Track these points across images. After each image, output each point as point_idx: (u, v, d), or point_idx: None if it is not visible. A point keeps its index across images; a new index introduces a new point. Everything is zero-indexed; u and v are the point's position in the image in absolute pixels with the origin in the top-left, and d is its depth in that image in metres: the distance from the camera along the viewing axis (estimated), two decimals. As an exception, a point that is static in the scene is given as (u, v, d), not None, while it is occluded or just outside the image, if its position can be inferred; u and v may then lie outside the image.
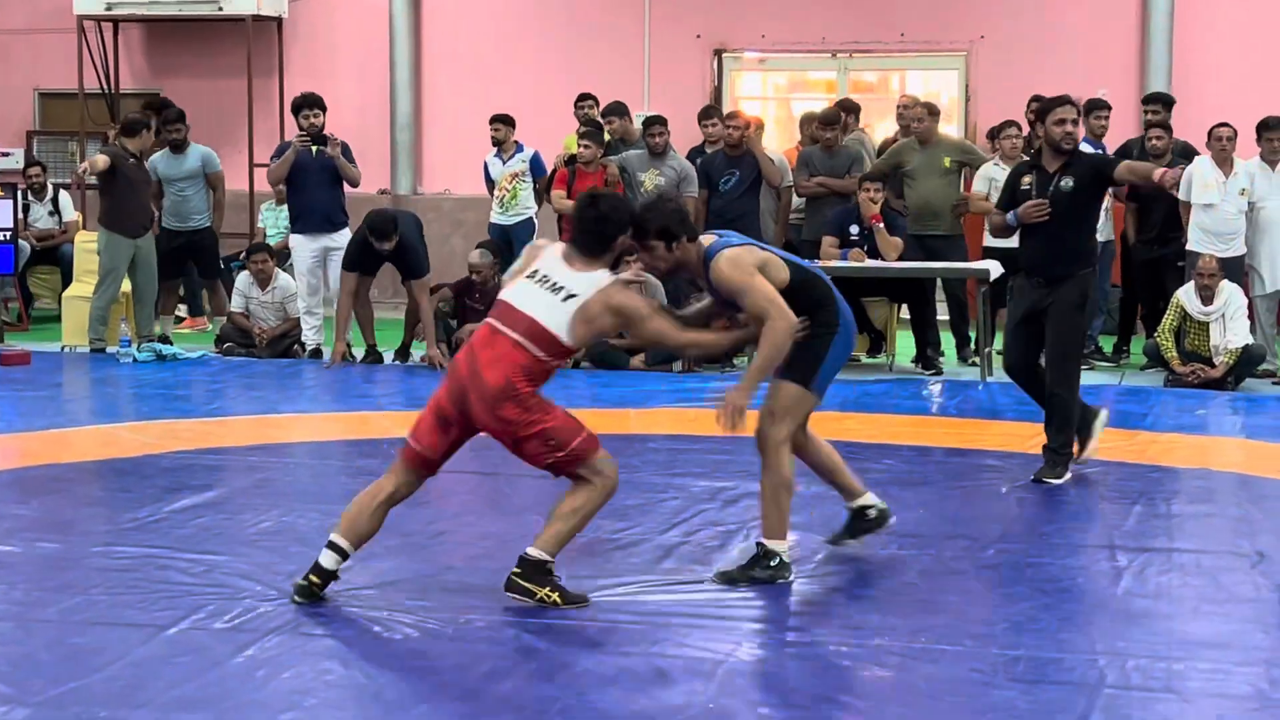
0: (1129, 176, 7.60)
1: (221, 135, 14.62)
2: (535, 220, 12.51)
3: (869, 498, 6.10)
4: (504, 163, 12.39)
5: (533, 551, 5.38)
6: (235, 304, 12.07)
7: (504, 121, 12.44)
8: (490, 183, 12.53)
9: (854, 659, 4.90)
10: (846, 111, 12.61)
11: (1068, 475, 7.48)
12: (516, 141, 12.45)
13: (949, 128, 13.86)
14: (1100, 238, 11.55)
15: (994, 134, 11.96)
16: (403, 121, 15.52)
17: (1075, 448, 7.64)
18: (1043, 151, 7.63)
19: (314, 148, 11.80)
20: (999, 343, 12.27)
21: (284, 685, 4.57)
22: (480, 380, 5.25)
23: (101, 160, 11.57)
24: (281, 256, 13.49)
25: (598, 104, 12.78)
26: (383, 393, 10.30)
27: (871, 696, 4.55)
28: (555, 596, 5.31)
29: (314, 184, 11.88)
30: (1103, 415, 7.83)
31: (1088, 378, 11.05)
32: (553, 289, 5.34)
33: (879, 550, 6.04)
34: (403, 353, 11.55)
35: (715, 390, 10.32)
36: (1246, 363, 10.53)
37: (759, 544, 5.72)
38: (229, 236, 13.70)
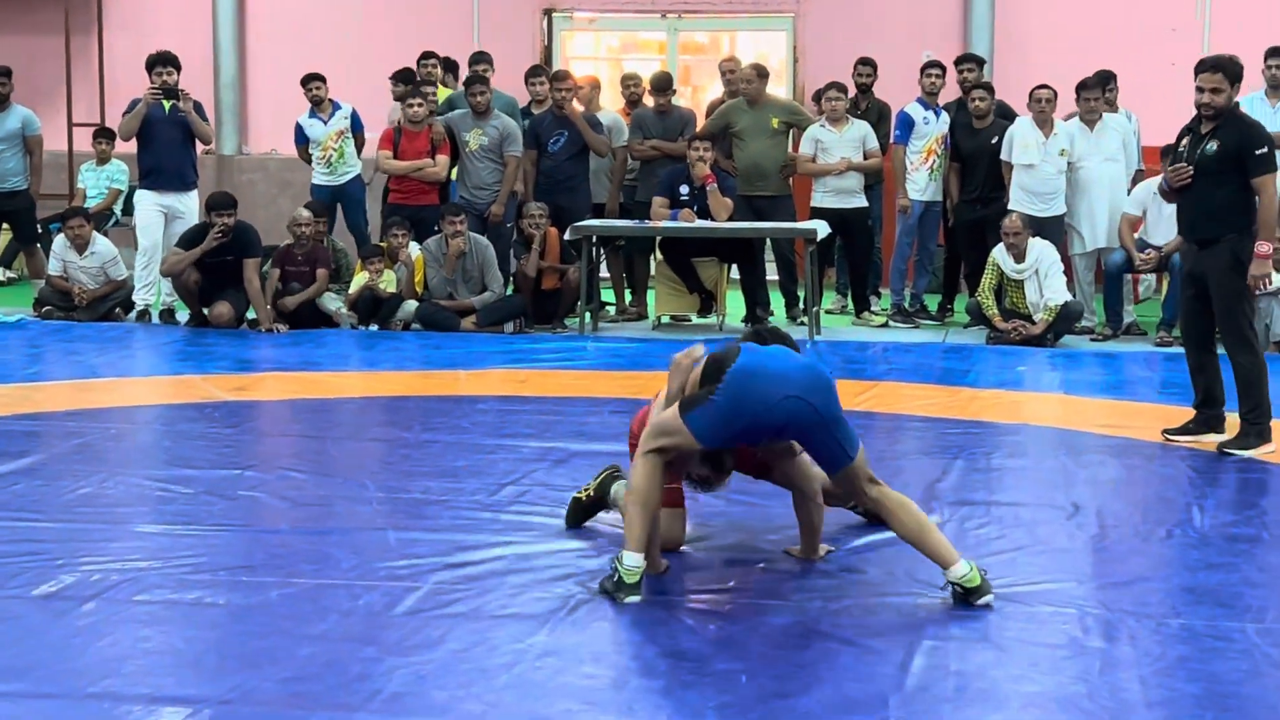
0: (1260, 192, 7.31)
1: (38, 94, 14.23)
2: (363, 178, 12.38)
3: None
4: (325, 122, 12.22)
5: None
6: (52, 268, 11.79)
7: (323, 80, 12.28)
8: (305, 144, 12.32)
9: (685, 614, 4.93)
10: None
11: (1268, 447, 7.33)
12: (332, 100, 12.29)
13: (778, 89, 13.95)
14: (924, 198, 11.83)
15: (818, 96, 12.06)
16: (227, 81, 15.24)
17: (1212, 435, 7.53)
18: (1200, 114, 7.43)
19: (166, 103, 11.60)
20: (828, 301, 12.45)
21: (101, 653, 4.49)
22: None
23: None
24: (102, 218, 13.22)
25: (441, 62, 12.67)
26: (207, 356, 10.13)
27: (701, 652, 4.58)
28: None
29: (165, 140, 11.69)
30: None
31: (913, 336, 11.30)
32: None
33: (713, 509, 6.07)
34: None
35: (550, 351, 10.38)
36: (1065, 319, 10.77)
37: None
38: (47, 198, 13.38)
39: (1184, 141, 7.53)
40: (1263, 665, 4.45)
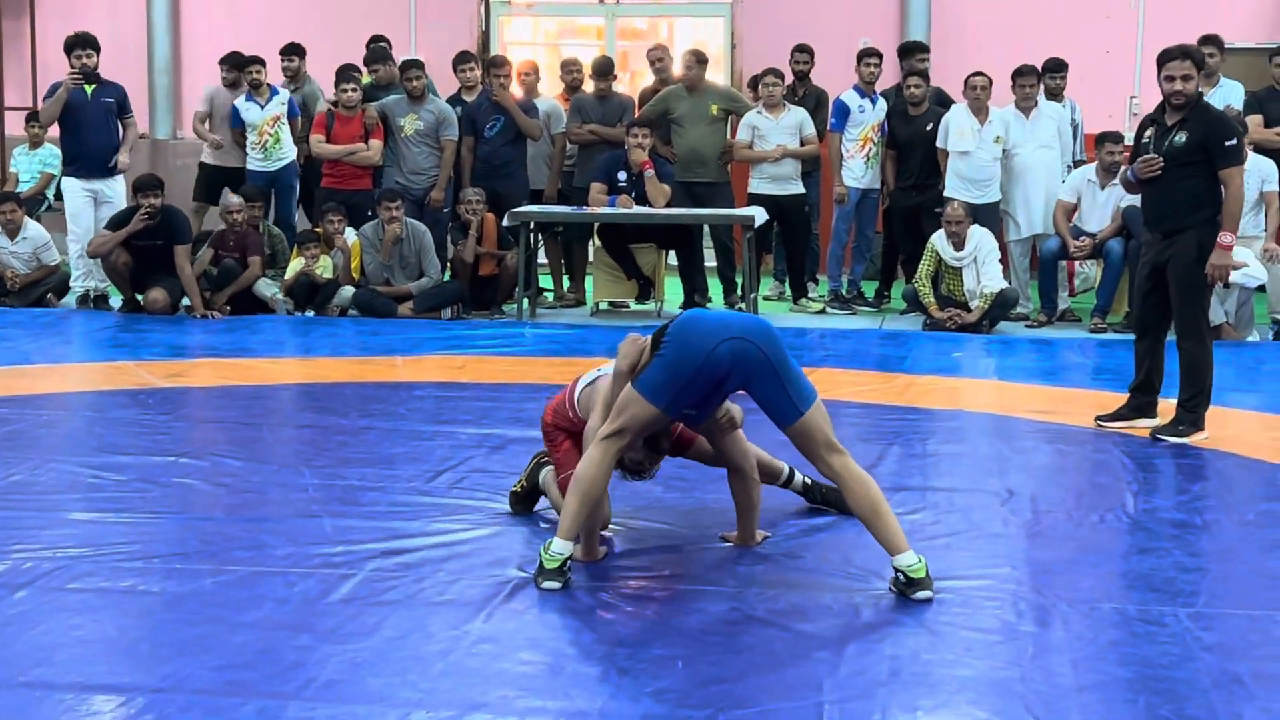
0: (1227, 184, 7.29)
1: (-32, 77, 14.08)
2: (297, 164, 12.31)
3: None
4: (262, 107, 12.13)
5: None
6: (-16, 252, 11.68)
7: (264, 64, 12.19)
8: (240, 128, 12.22)
9: (622, 600, 4.93)
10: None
11: (1201, 435, 7.37)
12: (269, 84, 12.21)
13: (716, 76, 13.96)
14: (861, 185, 11.87)
15: (755, 82, 12.08)
16: (161, 65, 15.12)
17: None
18: (1165, 104, 7.39)
19: (88, 86, 11.48)
20: (765, 288, 12.49)
21: (33, 641, 4.44)
22: None
23: None
24: (35, 202, 13.09)
25: (390, 45, 12.61)
26: (141, 343, 10.05)
27: (637, 638, 4.58)
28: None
29: (89, 126, 11.56)
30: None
31: (850, 323, 11.34)
32: None
33: (650, 495, 6.07)
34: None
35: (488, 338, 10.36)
36: (1000, 306, 10.84)
37: None
38: (-22, 182, 13.24)
39: (1148, 132, 7.50)
40: (1194, 649, 4.50)
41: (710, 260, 12.18)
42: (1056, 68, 11.79)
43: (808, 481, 5.97)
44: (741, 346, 5.00)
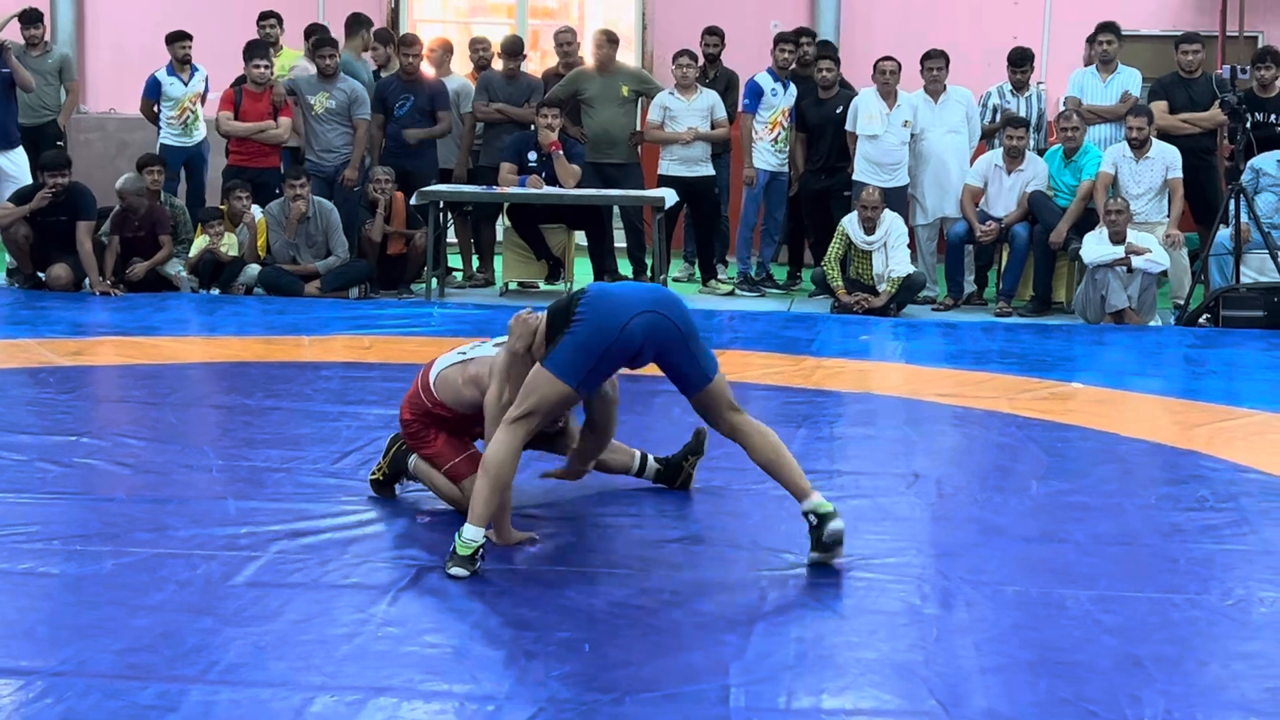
0: None
1: None
2: (208, 140, 12.18)
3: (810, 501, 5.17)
4: (185, 83, 11.97)
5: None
6: (-118, 226, 11.44)
7: (190, 39, 12.04)
8: (155, 100, 12.05)
9: (528, 584, 4.92)
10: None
11: None
12: (191, 62, 12.07)
13: (626, 56, 13.92)
14: (770, 168, 11.89)
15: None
16: (64, 37, 14.85)
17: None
18: None
19: None
20: (675, 269, 12.49)
21: (-71, 625, 4.37)
22: None
23: None
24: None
25: (280, 23, 12.46)
26: (42, 320, 9.90)
27: (543, 621, 4.57)
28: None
29: None
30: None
31: (758, 305, 11.38)
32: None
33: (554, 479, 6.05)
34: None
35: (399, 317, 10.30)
36: (908, 289, 10.92)
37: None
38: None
39: None
40: (1094, 632, 4.55)
41: (620, 241, 12.17)
42: (1020, 60, 11.78)
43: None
44: (655, 320, 5.01)
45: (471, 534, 4.94)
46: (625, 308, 5.01)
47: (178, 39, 12.03)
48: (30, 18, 12.12)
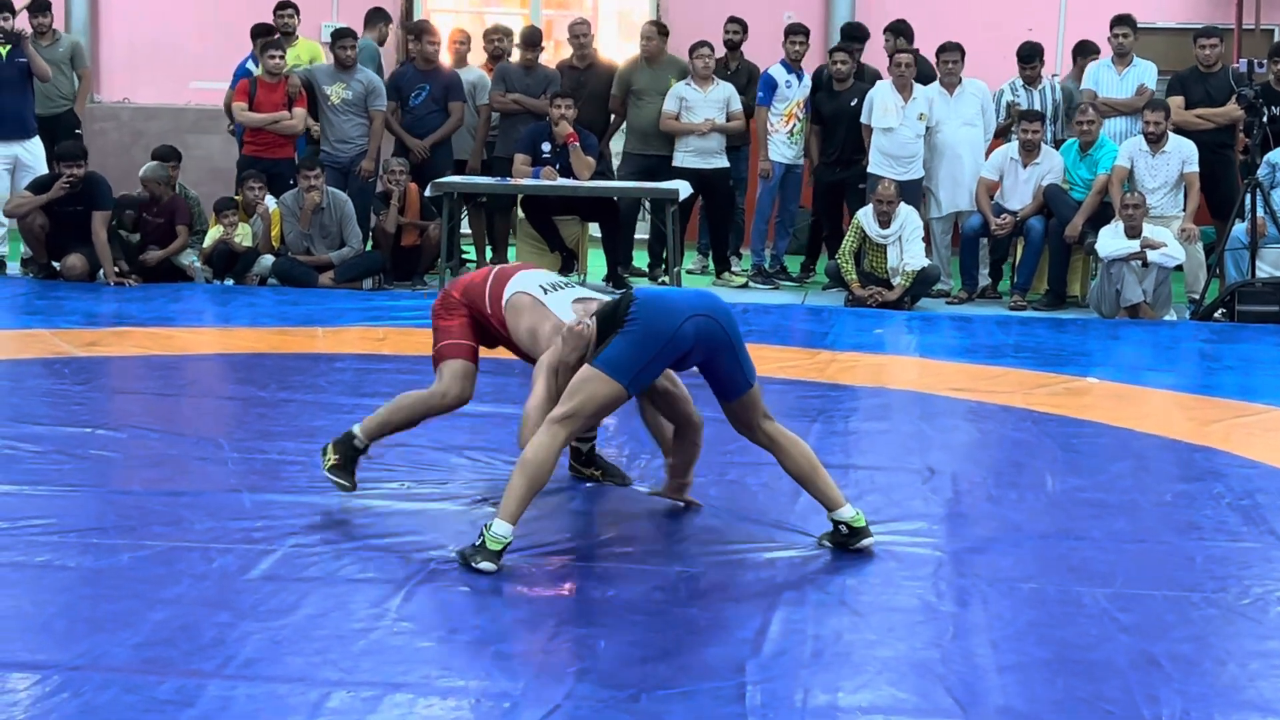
0: None
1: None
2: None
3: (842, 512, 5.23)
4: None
5: (355, 428, 5.65)
6: (-103, 216, 11.47)
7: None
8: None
9: (543, 579, 4.92)
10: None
11: None
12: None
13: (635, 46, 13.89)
14: (786, 160, 11.87)
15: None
16: (78, 26, 14.85)
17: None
18: None
19: (3, 49, 11.30)
20: (689, 261, 12.48)
21: (-54, 618, 4.38)
22: None
23: None
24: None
25: (297, 13, 12.46)
26: (57, 310, 9.91)
27: (560, 617, 4.57)
28: (333, 459, 5.62)
29: (4, 88, 11.35)
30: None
31: (772, 298, 11.36)
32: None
33: (560, 474, 6.05)
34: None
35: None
36: (922, 283, 10.90)
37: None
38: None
39: None
40: (1111, 630, 4.54)
41: (641, 233, 12.12)
42: (1029, 56, 11.75)
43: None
44: (706, 324, 5.06)
45: (501, 529, 4.91)
46: (678, 311, 5.05)
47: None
48: (39, 6, 12.10)
